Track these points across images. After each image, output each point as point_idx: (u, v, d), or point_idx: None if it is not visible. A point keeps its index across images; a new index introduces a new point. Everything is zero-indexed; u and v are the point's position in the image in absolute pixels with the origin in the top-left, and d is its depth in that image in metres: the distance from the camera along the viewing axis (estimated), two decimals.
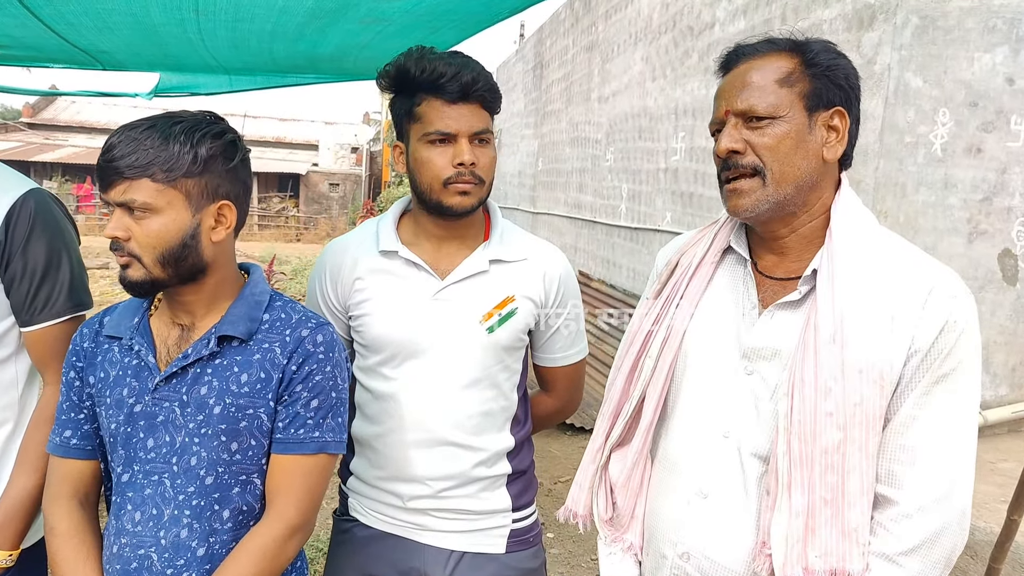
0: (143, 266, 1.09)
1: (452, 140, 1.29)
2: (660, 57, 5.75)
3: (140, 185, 1.06)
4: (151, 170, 1.06)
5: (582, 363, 1.56)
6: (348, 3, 1.92)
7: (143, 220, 1.08)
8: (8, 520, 1.30)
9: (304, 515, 1.15)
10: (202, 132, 1.10)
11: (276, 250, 15.01)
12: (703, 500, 1.10)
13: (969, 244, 3.48)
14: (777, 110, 1.02)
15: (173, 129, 1.08)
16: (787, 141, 1.02)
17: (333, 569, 1.49)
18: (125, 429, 1.15)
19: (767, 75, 1.04)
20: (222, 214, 1.14)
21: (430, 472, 1.37)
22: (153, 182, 1.06)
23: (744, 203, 1.04)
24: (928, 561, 0.97)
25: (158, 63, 3.05)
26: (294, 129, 29.35)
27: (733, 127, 1.05)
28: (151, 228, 1.08)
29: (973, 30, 3.27)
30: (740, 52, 1.09)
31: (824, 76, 1.04)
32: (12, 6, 1.91)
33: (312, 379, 1.16)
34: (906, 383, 0.98)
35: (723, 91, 1.08)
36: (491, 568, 1.40)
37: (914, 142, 3.35)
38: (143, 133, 1.07)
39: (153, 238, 1.08)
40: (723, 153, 1.05)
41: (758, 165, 1.03)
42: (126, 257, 1.09)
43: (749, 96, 1.04)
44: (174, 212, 1.09)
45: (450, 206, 1.32)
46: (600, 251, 7.12)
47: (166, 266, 1.10)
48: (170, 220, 1.09)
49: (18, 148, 21.69)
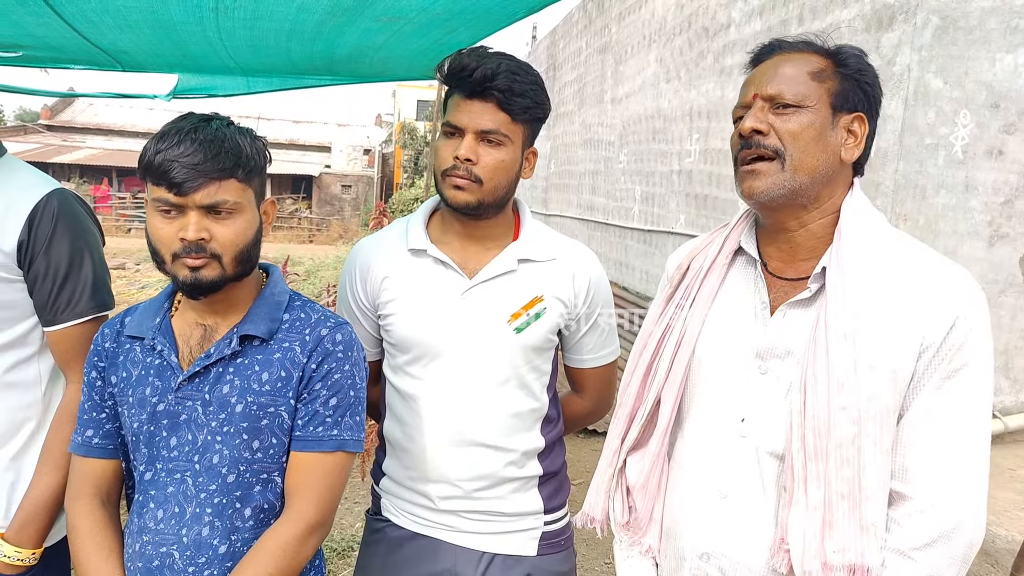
0: (221, 265, 1.10)
1: (460, 134, 1.29)
2: (674, 59, 5.73)
3: (228, 185, 1.08)
4: (237, 171, 1.09)
5: (613, 365, 1.54)
6: (366, 0, 1.92)
7: (228, 220, 1.09)
8: (31, 519, 1.31)
9: (322, 513, 1.15)
10: (250, 133, 1.14)
11: (289, 251, 15.09)
12: (722, 500, 1.11)
13: (990, 247, 3.43)
14: (805, 99, 1.04)
15: (229, 130, 1.11)
16: (810, 131, 1.04)
17: (364, 569, 1.48)
18: (148, 428, 1.15)
19: (800, 67, 1.07)
20: (266, 211, 1.19)
21: (460, 473, 1.36)
22: (238, 182, 1.09)
23: (759, 185, 1.06)
24: (944, 557, 0.97)
25: (177, 64, 3.07)
26: (307, 131, 29.53)
27: (759, 109, 1.06)
28: (236, 226, 1.10)
29: (995, 30, 3.23)
30: (775, 46, 1.11)
31: (853, 79, 1.06)
32: (36, 4, 1.93)
33: (331, 377, 1.17)
34: (918, 379, 0.99)
35: (753, 79, 1.10)
36: (522, 570, 1.39)
37: (934, 144, 3.31)
38: (216, 134, 1.08)
39: (238, 236, 1.10)
40: (746, 132, 1.06)
41: (779, 148, 1.04)
42: (205, 258, 1.09)
43: (780, 83, 1.06)
44: (251, 210, 1.13)
45: (447, 197, 1.32)
46: (613, 253, 7.10)
47: (240, 263, 1.12)
48: (250, 217, 1.13)
49: (37, 150, 21.95)
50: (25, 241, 1.31)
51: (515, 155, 1.33)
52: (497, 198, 1.33)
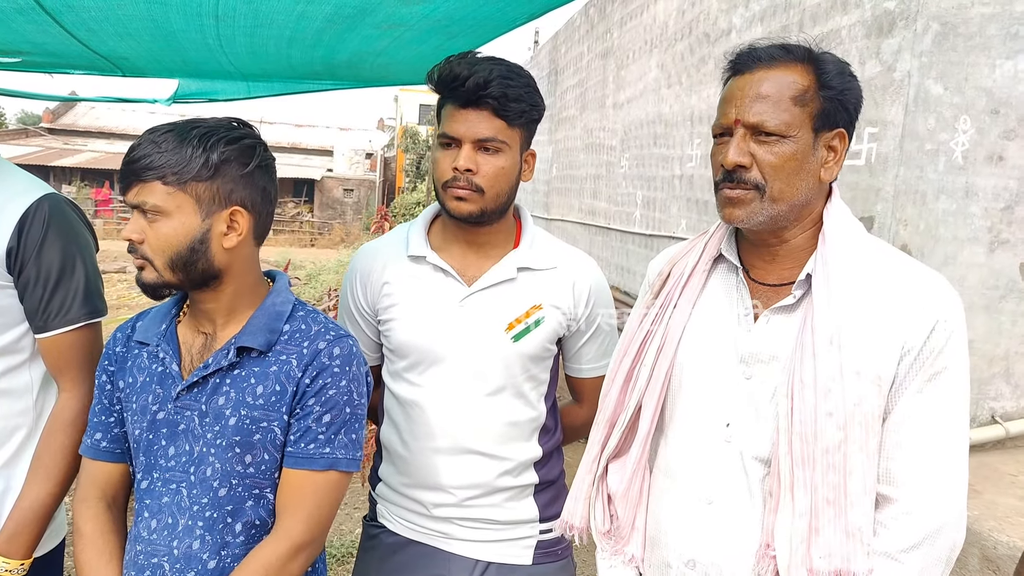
0: (155, 269, 1.10)
1: (458, 145, 1.29)
2: (676, 64, 5.73)
3: (152, 188, 1.07)
4: (162, 172, 1.06)
5: None
6: (366, 8, 1.92)
7: (154, 223, 1.08)
8: (21, 529, 1.29)
9: (311, 533, 1.12)
10: (217, 137, 1.10)
11: (291, 255, 15.08)
12: (707, 506, 1.11)
13: (990, 253, 3.42)
14: (788, 129, 1.03)
15: (190, 134, 1.08)
16: (792, 162, 1.04)
17: (361, 574, 1.48)
18: (148, 436, 1.15)
19: (782, 89, 1.04)
20: (235, 220, 1.13)
21: (454, 480, 1.36)
22: (164, 185, 1.07)
23: (739, 213, 1.07)
24: (929, 558, 0.98)
25: (177, 69, 3.08)
26: (309, 135, 29.58)
27: (741, 139, 1.05)
28: (161, 231, 1.08)
29: (995, 37, 3.23)
30: (755, 56, 1.08)
31: (836, 100, 1.05)
32: (35, 12, 1.93)
33: (325, 393, 1.14)
34: (900, 382, 1.00)
35: (733, 96, 1.07)
36: None
37: (934, 150, 3.31)
38: (161, 136, 1.08)
39: (163, 241, 1.08)
40: (730, 166, 1.06)
41: (760, 183, 1.05)
42: (140, 259, 1.10)
43: (762, 110, 1.04)
44: (183, 216, 1.09)
45: (449, 209, 1.32)
46: (614, 258, 7.09)
47: (176, 270, 1.10)
48: (179, 224, 1.09)
49: (38, 153, 21.99)
50: (15, 247, 1.29)
51: (514, 160, 1.33)
52: (499, 204, 1.33)
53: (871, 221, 3.41)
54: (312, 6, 1.90)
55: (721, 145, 1.09)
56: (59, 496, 1.33)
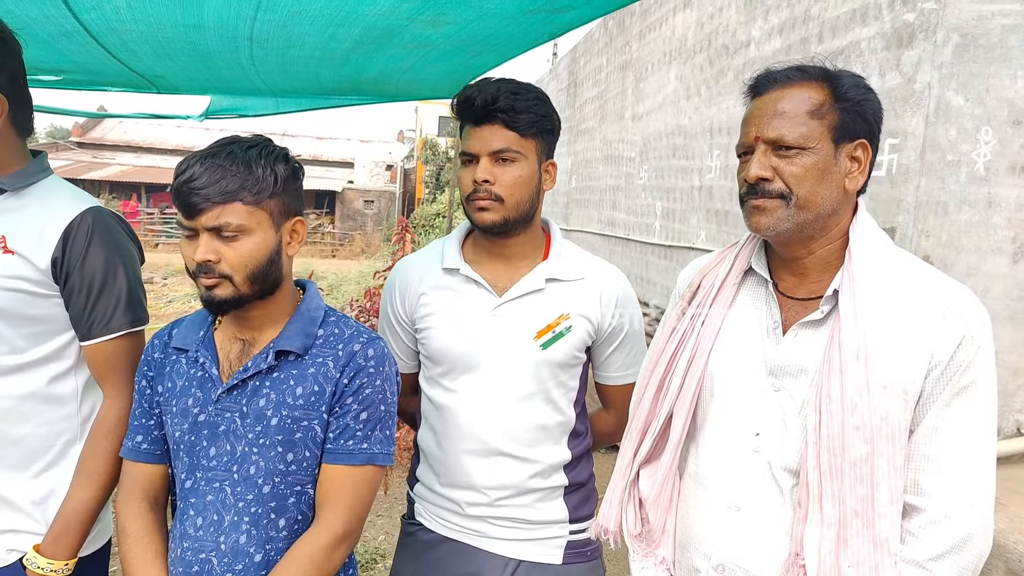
0: (233, 285, 1.15)
1: (476, 160, 1.37)
2: (695, 76, 5.76)
3: (233, 208, 1.13)
4: (241, 194, 1.13)
5: None
6: (393, 30, 1.99)
7: (234, 241, 1.14)
8: (66, 531, 1.34)
9: (350, 524, 1.19)
10: (275, 155, 1.18)
11: (312, 266, 15.26)
12: (736, 513, 1.13)
13: (1014, 264, 3.41)
14: (807, 141, 1.06)
15: (250, 154, 1.15)
16: (814, 172, 1.06)
17: (397, 569, 1.55)
18: (189, 437, 1.20)
19: (799, 105, 1.07)
20: (295, 230, 1.22)
21: (486, 481, 1.41)
22: (244, 205, 1.14)
23: (766, 221, 1.09)
24: (956, 567, 0.99)
25: (210, 86, 3.18)
26: (330, 147, 29.92)
27: (763, 154, 1.08)
28: (244, 248, 1.14)
29: (1016, 48, 3.23)
30: (771, 78, 1.12)
31: (854, 111, 1.08)
32: (80, 35, 2.03)
33: (362, 392, 1.21)
34: (927, 396, 1.01)
35: (753, 116, 1.12)
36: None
37: (956, 161, 3.31)
38: (225, 160, 1.13)
39: (245, 257, 1.14)
40: (752, 180, 1.09)
41: (784, 192, 1.07)
42: (215, 278, 1.15)
43: (780, 125, 1.07)
44: (263, 231, 1.16)
45: (474, 220, 1.40)
46: (634, 269, 7.11)
47: (254, 283, 1.17)
48: (260, 239, 1.16)
49: (67, 166, 22.47)
50: (60, 257, 1.33)
51: (531, 169, 1.39)
52: (521, 213, 1.39)
53: (893, 232, 3.41)
54: (342, 29, 1.97)
55: (745, 163, 1.12)
56: (102, 499, 1.38)
